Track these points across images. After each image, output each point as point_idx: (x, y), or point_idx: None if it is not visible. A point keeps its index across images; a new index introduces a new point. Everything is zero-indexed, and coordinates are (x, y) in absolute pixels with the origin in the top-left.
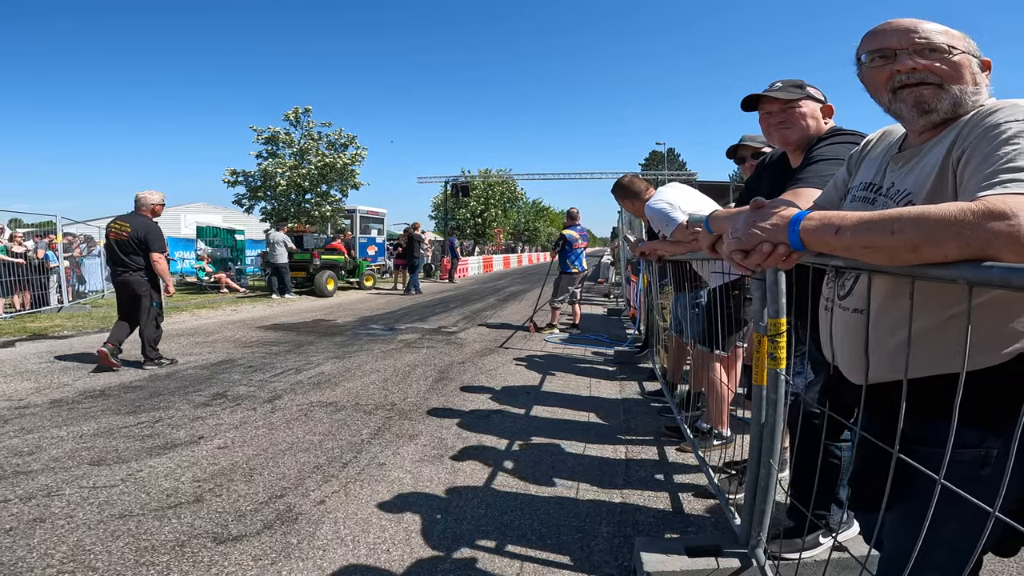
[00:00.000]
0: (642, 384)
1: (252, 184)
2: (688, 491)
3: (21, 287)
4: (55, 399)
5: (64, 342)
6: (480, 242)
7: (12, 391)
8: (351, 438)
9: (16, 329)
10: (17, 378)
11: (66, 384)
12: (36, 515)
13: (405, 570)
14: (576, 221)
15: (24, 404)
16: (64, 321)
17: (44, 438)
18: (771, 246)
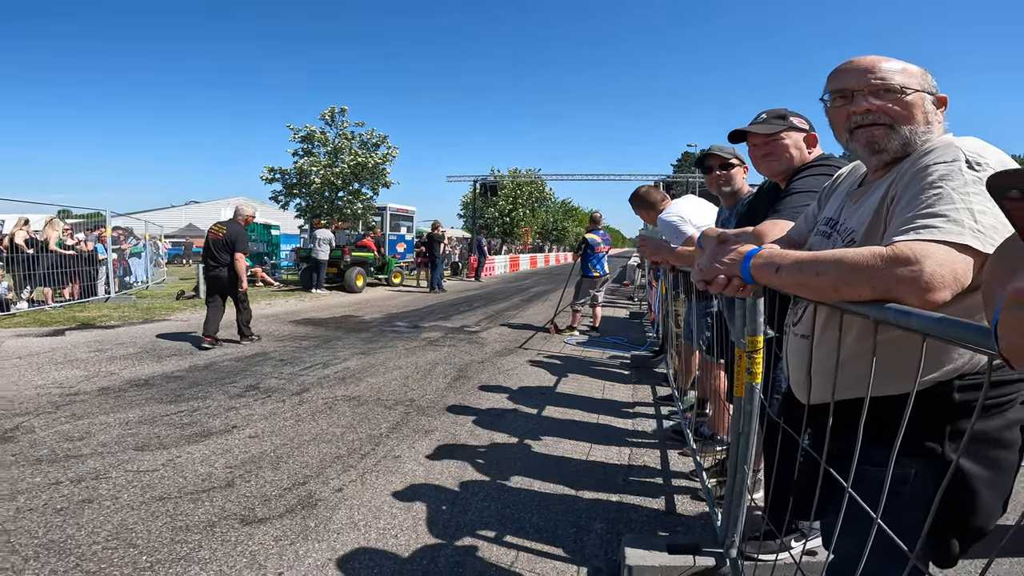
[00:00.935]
0: (655, 389)
1: (288, 181)
2: (685, 494)
3: (71, 278)
4: (103, 387)
5: (111, 332)
6: (508, 241)
7: (63, 378)
8: (371, 431)
9: (66, 318)
10: (68, 366)
11: (113, 373)
12: (85, 496)
13: (410, 555)
14: (599, 225)
15: (75, 391)
16: (111, 311)
17: (93, 424)
18: (726, 279)
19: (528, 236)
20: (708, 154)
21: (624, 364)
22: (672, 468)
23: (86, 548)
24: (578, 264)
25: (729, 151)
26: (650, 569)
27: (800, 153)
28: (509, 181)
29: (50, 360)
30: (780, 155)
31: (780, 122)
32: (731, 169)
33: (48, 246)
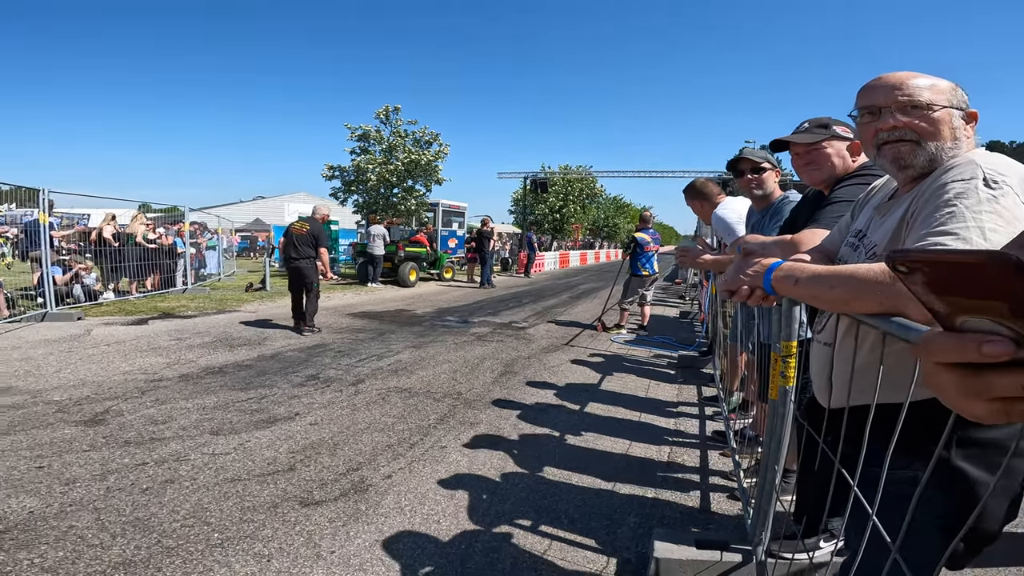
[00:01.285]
0: (700, 389)
1: (346, 178)
2: (721, 492)
3: (153, 270)
4: (183, 374)
5: (189, 321)
6: (558, 237)
7: (148, 365)
8: (420, 422)
9: (148, 308)
10: (151, 353)
11: (191, 361)
12: (167, 477)
13: (450, 539)
14: (648, 224)
15: (158, 378)
16: (188, 302)
17: (175, 409)
18: (749, 289)
19: (578, 233)
20: (740, 158)
21: (671, 364)
22: (711, 467)
23: (167, 525)
24: (627, 262)
25: (761, 155)
26: (677, 562)
27: (843, 162)
28: (560, 178)
29: (135, 348)
30: (822, 164)
31: (822, 131)
32: (763, 173)
33: (135, 239)
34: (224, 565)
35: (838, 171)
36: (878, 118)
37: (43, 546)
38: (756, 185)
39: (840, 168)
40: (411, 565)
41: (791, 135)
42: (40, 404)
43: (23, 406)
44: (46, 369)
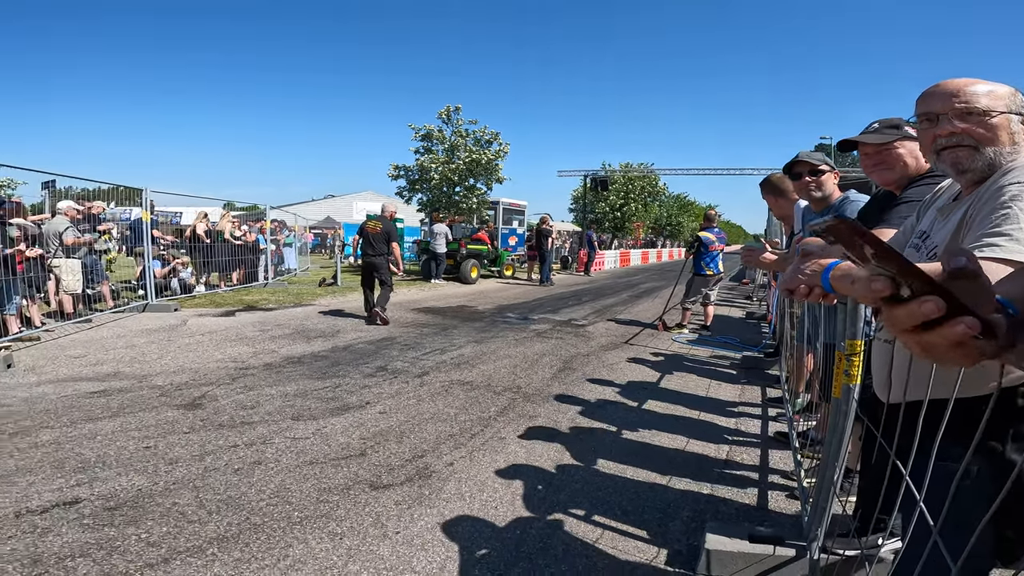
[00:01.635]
0: (764, 390)
1: (411, 177)
2: (780, 491)
3: (238, 265)
4: (267, 363)
5: (270, 313)
6: (619, 236)
7: (237, 354)
8: (481, 414)
9: (235, 301)
10: (239, 343)
11: (274, 351)
12: (255, 459)
13: (505, 525)
14: (713, 223)
15: (246, 366)
16: (268, 295)
17: (261, 395)
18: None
19: (640, 231)
20: (796, 161)
21: (734, 364)
22: (771, 466)
23: (255, 504)
24: (690, 261)
25: (819, 157)
26: (728, 555)
27: (916, 162)
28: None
29: (225, 338)
30: (893, 164)
31: (893, 131)
32: (821, 175)
33: (223, 236)
34: (302, 542)
35: (911, 171)
36: (936, 124)
37: (149, 522)
38: (815, 187)
39: (913, 168)
40: (468, 546)
41: (860, 135)
42: (145, 388)
43: (130, 390)
44: (149, 356)
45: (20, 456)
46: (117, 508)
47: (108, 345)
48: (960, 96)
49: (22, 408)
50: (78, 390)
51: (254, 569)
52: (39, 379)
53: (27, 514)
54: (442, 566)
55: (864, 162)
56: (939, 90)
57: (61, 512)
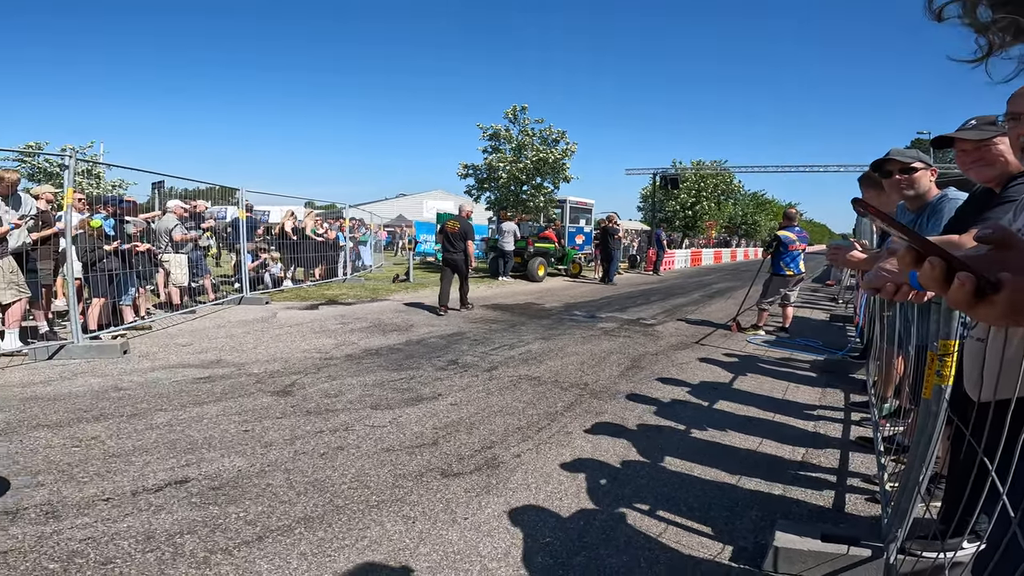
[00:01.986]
0: (848, 395)
1: (479, 176)
2: (860, 494)
3: (320, 261)
4: (348, 354)
5: (349, 308)
6: (690, 235)
7: (320, 346)
8: (548, 408)
9: (318, 295)
10: (323, 335)
11: (354, 343)
12: (338, 444)
13: (569, 516)
14: (793, 222)
15: (329, 356)
16: (347, 290)
17: (343, 384)
18: (895, 286)
19: (712, 230)
20: (887, 159)
21: (815, 367)
22: (851, 469)
23: (337, 487)
24: (768, 261)
25: (912, 155)
26: (798, 553)
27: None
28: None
29: (311, 329)
30: (992, 161)
31: (991, 128)
32: (913, 173)
33: (304, 232)
34: (378, 524)
35: (1011, 168)
36: (1020, 123)
37: (247, 501)
38: (907, 185)
39: (1013, 166)
40: (532, 534)
41: (957, 131)
42: (243, 376)
43: (230, 377)
44: (245, 345)
45: (137, 437)
46: (220, 488)
47: (211, 335)
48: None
49: (138, 392)
50: (186, 376)
51: (335, 548)
52: (152, 365)
53: (143, 492)
54: (506, 552)
55: (961, 159)
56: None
57: (172, 491)
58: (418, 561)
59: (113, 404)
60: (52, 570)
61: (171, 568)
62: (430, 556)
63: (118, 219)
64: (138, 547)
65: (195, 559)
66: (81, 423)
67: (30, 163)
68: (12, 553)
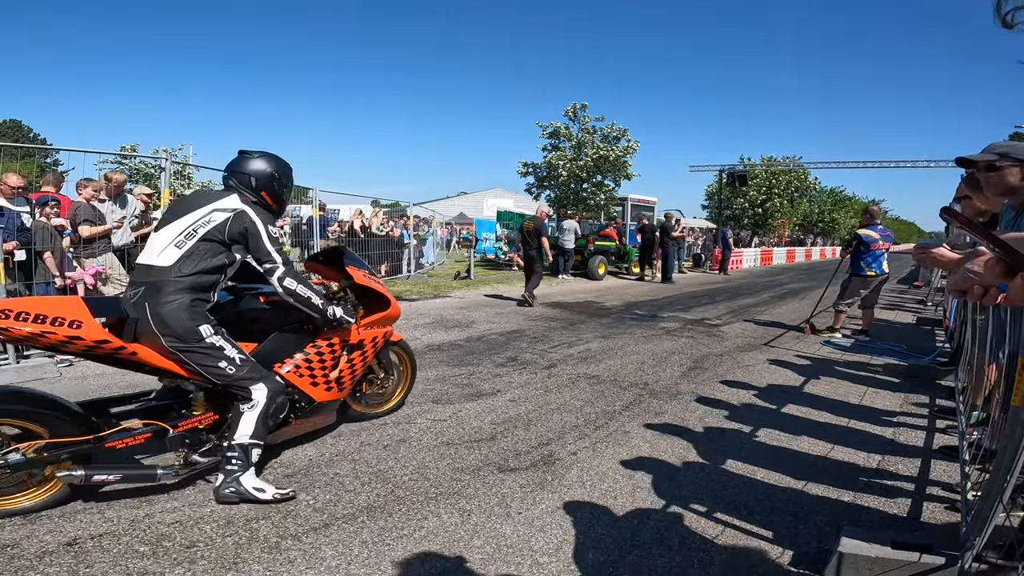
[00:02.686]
0: (934, 401)
1: (539, 174)
2: (938, 503)
3: (386, 258)
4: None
5: (413, 304)
6: (760, 233)
7: None
8: (606, 407)
9: None
10: None
11: (417, 338)
12: (401, 437)
13: (623, 515)
14: (876, 220)
15: None
16: (411, 287)
17: None
18: (982, 288)
19: (784, 228)
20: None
21: (897, 372)
22: (931, 478)
23: (399, 478)
24: (847, 261)
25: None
26: (864, 559)
27: None
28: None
29: None
30: None
31: None
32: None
33: (370, 230)
34: (435, 515)
35: None
36: None
37: (316, 489)
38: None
39: None
40: (585, 531)
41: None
42: None
43: None
44: None
45: None
46: (293, 475)
47: None
48: None
49: None
50: None
51: (394, 538)
52: None
53: None
54: (558, 547)
55: None
56: None
57: None
58: (471, 553)
59: None
60: (142, 552)
61: (246, 552)
62: (483, 548)
63: None
64: (219, 531)
65: (268, 544)
66: None
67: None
68: (107, 536)
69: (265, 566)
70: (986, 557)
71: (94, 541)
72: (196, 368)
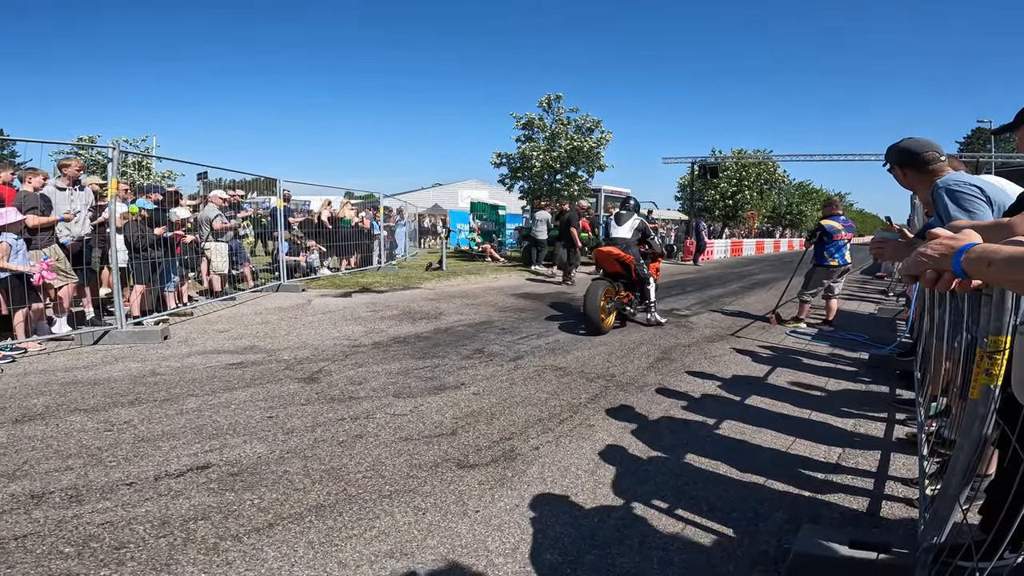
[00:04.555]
0: (894, 391)
1: (512, 165)
2: (897, 501)
3: (355, 249)
4: (376, 342)
5: (381, 296)
6: (730, 225)
7: (350, 333)
8: (571, 400)
9: (352, 283)
10: (353, 323)
11: (383, 331)
12: (358, 432)
13: (583, 512)
14: (837, 211)
15: (357, 344)
16: (380, 278)
17: (368, 372)
18: (935, 273)
19: (754, 220)
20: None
21: (859, 363)
22: (891, 473)
23: (352, 475)
24: (810, 251)
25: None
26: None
27: None
28: (733, 162)
29: (342, 317)
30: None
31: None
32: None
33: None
34: (388, 514)
35: None
36: None
37: (263, 488)
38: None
39: None
40: (543, 530)
41: None
42: (274, 362)
43: (262, 363)
44: (278, 332)
45: (167, 422)
46: (239, 474)
47: (247, 321)
48: None
49: (173, 377)
50: (220, 362)
51: (343, 538)
52: (190, 350)
53: (165, 477)
54: (515, 547)
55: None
56: None
57: (193, 476)
58: (424, 554)
59: (149, 389)
60: (67, 553)
61: (180, 554)
62: (437, 549)
63: (160, 206)
64: (152, 532)
65: (205, 545)
66: (117, 407)
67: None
68: (31, 537)
69: (200, 568)
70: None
71: (17, 542)
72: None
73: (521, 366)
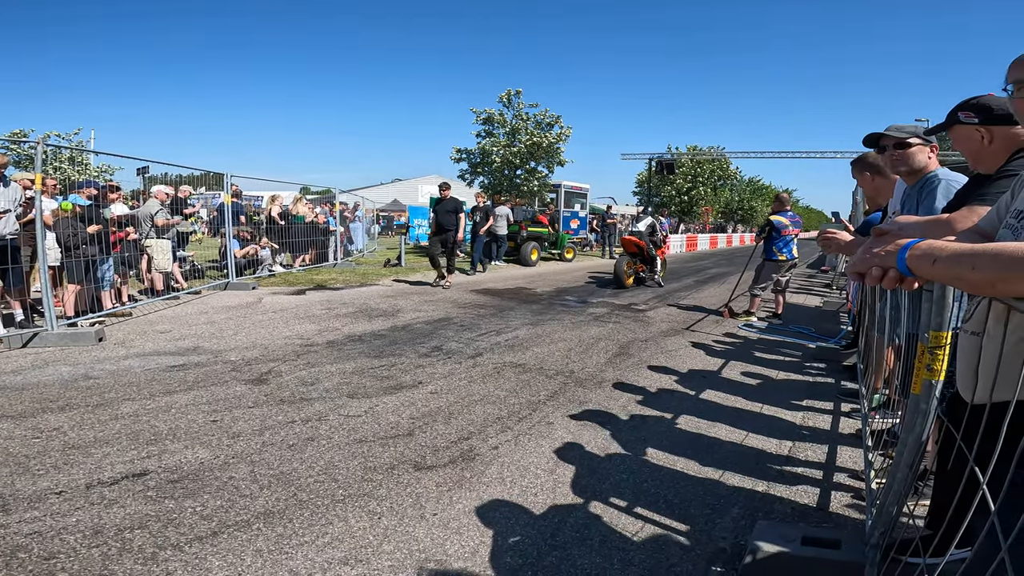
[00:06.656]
0: (839, 383)
1: (472, 161)
2: (845, 493)
3: (310, 246)
4: (330, 340)
5: (337, 293)
6: (686, 220)
7: (303, 331)
8: (530, 397)
9: (306, 280)
10: (306, 321)
11: (337, 329)
12: (309, 435)
13: (543, 513)
14: (786, 206)
15: (310, 343)
16: (337, 275)
17: (321, 372)
18: (881, 271)
19: (708, 215)
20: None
21: (806, 355)
22: (838, 465)
23: (303, 480)
24: (760, 247)
25: (909, 130)
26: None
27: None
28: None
29: (295, 315)
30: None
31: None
32: (907, 148)
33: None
34: (342, 520)
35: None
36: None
37: (206, 495)
38: (900, 161)
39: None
40: (503, 532)
41: None
42: (219, 363)
43: (206, 364)
44: (225, 332)
45: (100, 428)
46: (179, 481)
47: (191, 321)
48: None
49: (108, 381)
50: (160, 364)
51: (293, 545)
52: (127, 352)
53: (98, 485)
54: (474, 551)
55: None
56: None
57: (129, 484)
58: (380, 560)
59: (81, 393)
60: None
61: (115, 564)
62: (393, 554)
63: (96, 202)
64: (84, 542)
65: (143, 555)
66: (46, 413)
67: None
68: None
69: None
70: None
71: None
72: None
73: (480, 363)
